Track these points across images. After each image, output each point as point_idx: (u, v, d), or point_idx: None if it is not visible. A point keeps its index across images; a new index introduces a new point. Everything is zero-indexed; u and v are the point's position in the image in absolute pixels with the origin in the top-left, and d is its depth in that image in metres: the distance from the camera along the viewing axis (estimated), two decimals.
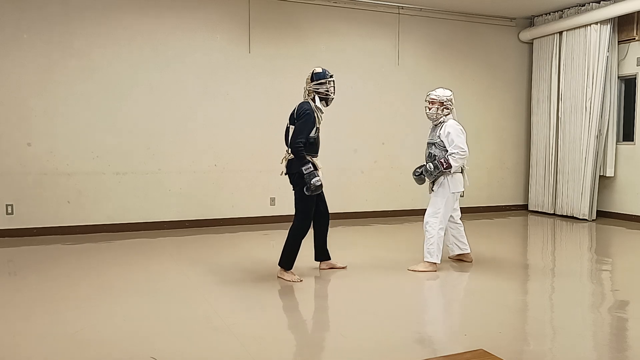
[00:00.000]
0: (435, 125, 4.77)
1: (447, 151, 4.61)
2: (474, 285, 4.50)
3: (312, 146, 4.33)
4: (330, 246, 4.80)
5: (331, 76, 4.39)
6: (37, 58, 6.17)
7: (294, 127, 4.32)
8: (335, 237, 6.42)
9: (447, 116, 4.71)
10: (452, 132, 4.60)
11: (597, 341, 3.22)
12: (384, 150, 7.90)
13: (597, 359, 2.93)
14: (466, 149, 4.57)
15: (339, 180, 7.60)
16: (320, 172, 4.31)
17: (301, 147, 4.20)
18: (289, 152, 4.34)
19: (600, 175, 7.80)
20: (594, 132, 7.59)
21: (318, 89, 4.34)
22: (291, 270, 4.41)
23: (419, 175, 4.77)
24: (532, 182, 8.68)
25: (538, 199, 8.54)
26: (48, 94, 6.24)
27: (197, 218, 6.93)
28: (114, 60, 6.48)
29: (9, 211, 6.15)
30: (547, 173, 8.38)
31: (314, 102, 4.36)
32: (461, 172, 4.74)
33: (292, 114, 4.41)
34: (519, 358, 2.90)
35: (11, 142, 6.13)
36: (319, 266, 4.77)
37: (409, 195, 8.00)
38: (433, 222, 4.66)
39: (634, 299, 4.07)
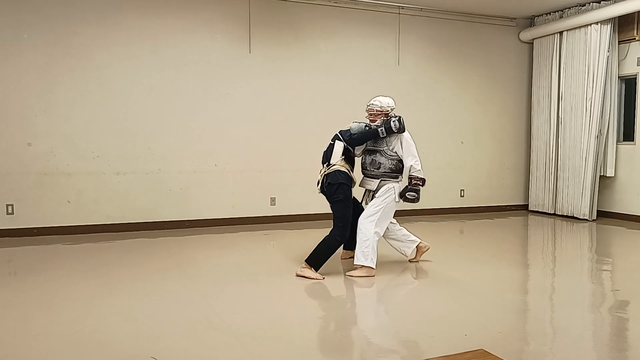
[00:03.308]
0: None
1: (394, 159, 4.56)
2: (474, 285, 4.49)
3: (354, 161, 4.73)
4: None
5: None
6: (37, 58, 6.17)
7: (340, 141, 4.62)
8: None
9: None
10: (405, 141, 4.58)
11: (597, 341, 3.21)
12: None
13: (597, 359, 2.93)
14: (417, 158, 4.59)
15: None
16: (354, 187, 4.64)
17: (352, 136, 4.57)
18: (331, 165, 4.58)
19: (600, 175, 7.80)
20: (594, 132, 7.59)
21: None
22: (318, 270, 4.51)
23: (412, 201, 4.60)
24: (532, 182, 8.67)
25: (538, 199, 8.54)
26: (48, 94, 6.24)
27: (197, 218, 6.93)
28: (114, 60, 6.48)
29: (10, 211, 6.15)
30: (547, 173, 8.37)
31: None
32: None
33: (335, 135, 4.70)
34: (519, 358, 2.90)
35: (11, 142, 6.13)
36: (341, 255, 5.00)
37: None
38: (368, 225, 4.50)
39: (634, 299, 4.06)
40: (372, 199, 4.63)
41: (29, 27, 6.13)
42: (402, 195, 4.58)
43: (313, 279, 4.39)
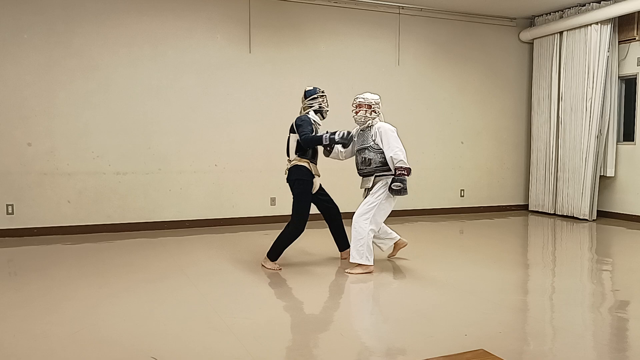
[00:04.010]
0: (363, 130, 4.71)
1: (381, 152, 4.55)
2: (474, 285, 4.49)
3: (312, 153, 4.75)
4: (332, 245, 4.80)
5: (322, 92, 4.82)
6: (37, 58, 6.17)
7: (294, 135, 4.66)
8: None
9: (375, 119, 4.67)
10: (386, 133, 4.55)
11: (597, 341, 3.21)
12: None
13: (597, 359, 2.93)
14: (401, 146, 4.54)
15: (339, 180, 7.60)
16: (317, 180, 4.71)
17: (307, 134, 4.53)
18: (290, 160, 4.72)
19: (600, 175, 7.80)
20: (594, 132, 7.59)
21: (312, 104, 4.77)
22: (275, 261, 4.76)
23: (399, 192, 4.54)
24: (532, 182, 8.67)
25: (538, 199, 8.54)
26: (48, 94, 6.24)
27: (197, 218, 6.94)
28: (115, 60, 6.48)
29: (10, 211, 6.15)
30: (547, 173, 8.38)
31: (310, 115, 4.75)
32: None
33: (291, 126, 4.72)
34: (519, 358, 2.90)
35: (11, 142, 6.13)
36: (341, 256, 5.06)
37: (409, 195, 7.95)
38: (363, 224, 4.53)
39: (634, 299, 4.06)
40: (368, 191, 4.68)
41: (29, 27, 6.13)
42: (389, 188, 4.55)
43: (270, 269, 4.67)
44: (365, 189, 4.74)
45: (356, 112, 4.69)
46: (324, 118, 4.84)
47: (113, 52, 6.47)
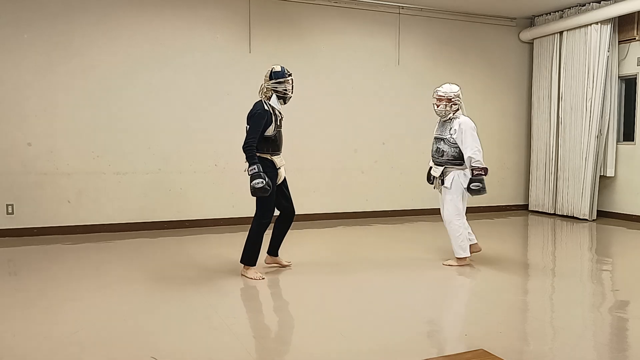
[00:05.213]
0: (444, 121, 4.77)
1: (456, 147, 4.64)
2: (475, 285, 4.50)
3: (272, 144, 4.41)
4: (332, 246, 4.79)
5: (290, 75, 4.44)
6: (37, 57, 6.17)
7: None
8: (336, 236, 6.42)
9: (457, 112, 4.71)
10: (466, 131, 4.59)
11: (597, 341, 3.21)
12: (384, 150, 7.89)
13: (597, 359, 2.93)
14: (479, 145, 4.60)
15: (339, 180, 7.61)
16: (282, 171, 4.48)
17: (250, 147, 4.28)
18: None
19: (600, 175, 7.80)
20: (594, 132, 7.59)
21: (276, 87, 4.40)
22: (254, 267, 4.45)
23: (478, 191, 4.63)
24: (532, 182, 8.67)
25: (538, 199, 8.54)
26: (48, 94, 6.24)
27: (197, 218, 6.93)
28: (114, 60, 6.47)
29: (10, 211, 6.15)
30: (547, 173, 8.37)
31: (270, 100, 4.42)
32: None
33: (247, 115, 4.44)
34: (519, 358, 2.90)
35: (11, 142, 6.13)
36: (265, 260, 4.77)
37: (409, 195, 8.00)
38: (457, 220, 4.72)
39: (634, 299, 4.06)
40: (442, 184, 4.76)
41: (29, 27, 6.13)
42: (467, 189, 4.66)
43: (252, 278, 4.35)
44: (433, 176, 4.86)
45: (437, 106, 4.73)
46: (285, 104, 4.49)
47: (113, 52, 6.46)
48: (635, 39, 7.44)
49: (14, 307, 3.72)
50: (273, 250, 4.78)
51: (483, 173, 4.60)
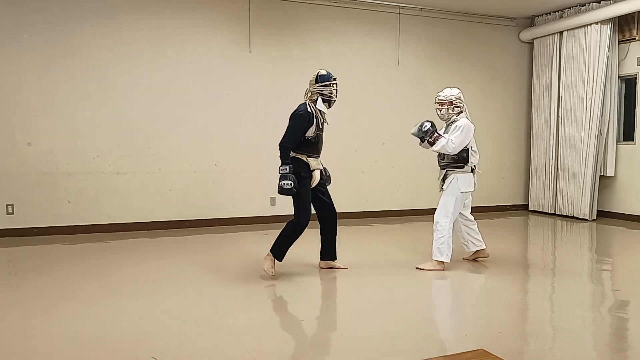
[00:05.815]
0: (448, 125, 4.80)
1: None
2: (475, 285, 4.50)
3: (311, 146, 4.44)
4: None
5: (334, 79, 4.49)
6: (37, 58, 6.17)
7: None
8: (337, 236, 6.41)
9: (460, 115, 4.72)
10: (461, 128, 4.60)
11: (597, 341, 3.21)
12: (384, 150, 7.89)
13: (597, 359, 2.93)
14: (461, 141, 4.56)
15: (339, 180, 7.57)
16: (316, 174, 4.46)
17: (285, 146, 4.32)
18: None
19: (600, 175, 7.80)
20: (594, 132, 7.59)
21: (322, 90, 4.45)
22: (279, 262, 4.46)
23: (417, 135, 4.73)
24: (532, 182, 8.67)
25: (538, 199, 8.54)
26: (48, 94, 6.24)
27: (197, 218, 6.93)
28: (115, 60, 6.48)
29: (10, 211, 6.15)
30: (547, 173, 8.37)
31: (315, 104, 4.44)
32: (471, 172, 4.75)
33: (290, 115, 4.49)
34: (519, 358, 2.90)
35: (11, 142, 6.13)
36: (319, 265, 4.80)
37: (409, 195, 8.00)
38: (444, 222, 4.68)
39: (634, 298, 4.06)
40: (441, 189, 4.79)
41: (29, 27, 6.13)
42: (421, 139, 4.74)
43: (265, 270, 4.37)
44: (440, 181, 4.87)
45: (439, 110, 4.76)
46: (330, 107, 4.53)
47: (113, 52, 6.46)
48: (635, 38, 7.45)
49: (14, 306, 3.72)
50: (325, 255, 4.76)
51: (432, 138, 4.60)
